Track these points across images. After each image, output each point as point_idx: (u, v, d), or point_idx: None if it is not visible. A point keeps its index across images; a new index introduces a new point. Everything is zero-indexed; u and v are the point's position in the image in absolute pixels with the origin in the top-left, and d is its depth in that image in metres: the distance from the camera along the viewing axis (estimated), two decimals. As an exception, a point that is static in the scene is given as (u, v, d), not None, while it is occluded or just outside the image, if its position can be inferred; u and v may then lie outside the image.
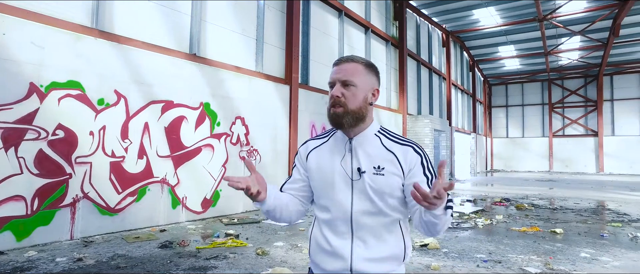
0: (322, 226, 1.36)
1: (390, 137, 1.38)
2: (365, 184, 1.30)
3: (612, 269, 4.18)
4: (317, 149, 1.43)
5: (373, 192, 1.29)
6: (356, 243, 1.28)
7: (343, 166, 1.34)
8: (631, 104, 25.98)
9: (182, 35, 6.86)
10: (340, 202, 1.31)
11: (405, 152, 1.33)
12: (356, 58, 1.37)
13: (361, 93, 1.33)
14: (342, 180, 1.33)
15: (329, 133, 1.47)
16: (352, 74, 1.32)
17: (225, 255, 4.59)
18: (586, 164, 26.97)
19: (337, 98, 1.31)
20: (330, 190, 1.34)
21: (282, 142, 8.91)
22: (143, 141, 5.99)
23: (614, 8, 15.95)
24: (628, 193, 12.76)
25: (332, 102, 1.32)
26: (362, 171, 1.31)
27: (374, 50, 13.25)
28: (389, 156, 1.32)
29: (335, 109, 1.31)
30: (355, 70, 1.33)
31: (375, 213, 1.30)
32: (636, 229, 6.53)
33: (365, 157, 1.33)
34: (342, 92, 1.31)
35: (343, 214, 1.31)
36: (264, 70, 8.61)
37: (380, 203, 1.29)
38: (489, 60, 25.00)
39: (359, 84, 1.33)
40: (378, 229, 1.29)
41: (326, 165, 1.37)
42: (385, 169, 1.30)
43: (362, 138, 1.36)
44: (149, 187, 6.06)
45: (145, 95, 6.03)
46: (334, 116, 1.32)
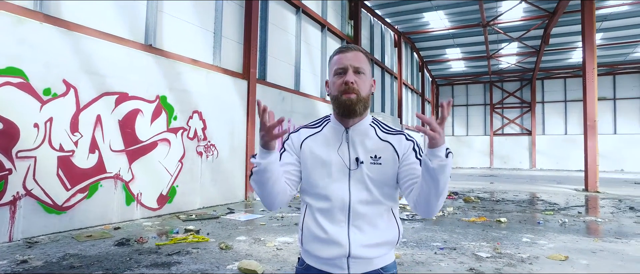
0: (316, 215, 1.34)
1: (384, 129, 1.40)
2: (363, 174, 1.31)
3: (549, 251, 4.64)
4: (311, 137, 1.40)
5: (371, 182, 1.31)
6: (353, 231, 1.28)
7: (340, 155, 1.34)
8: (558, 106, 28.60)
9: (137, 25, 6.57)
10: (337, 192, 1.31)
11: (399, 139, 1.36)
12: (360, 48, 1.38)
13: (368, 82, 1.35)
14: (339, 170, 1.32)
15: (322, 122, 1.44)
16: (362, 61, 1.33)
17: (187, 250, 4.50)
18: (521, 161, 29.27)
19: (351, 84, 1.29)
20: (327, 179, 1.32)
21: (240, 137, 8.81)
22: (95, 135, 5.67)
23: (545, 18, 17.46)
24: (556, 186, 14.08)
25: (345, 89, 1.29)
26: (360, 161, 1.31)
27: (330, 48, 13.45)
28: (385, 145, 1.34)
29: (348, 95, 1.29)
30: (363, 59, 1.35)
31: (372, 202, 1.31)
32: (564, 216, 7.27)
33: (362, 147, 1.34)
34: (355, 79, 1.30)
35: (340, 203, 1.30)
36: (222, 64, 8.46)
37: (377, 192, 1.31)
38: (437, 62, 26.29)
39: (367, 72, 1.35)
40: (374, 217, 1.30)
41: (322, 154, 1.35)
42: (382, 158, 1.32)
43: (359, 128, 1.36)
44: (101, 183, 5.75)
45: (97, 86, 5.70)
46: (348, 102, 1.30)
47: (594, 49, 11.91)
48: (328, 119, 1.42)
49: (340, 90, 1.30)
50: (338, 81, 1.31)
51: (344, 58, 1.33)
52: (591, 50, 11.88)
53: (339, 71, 1.32)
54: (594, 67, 11.85)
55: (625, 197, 10.53)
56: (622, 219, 6.93)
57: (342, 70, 1.31)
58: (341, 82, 1.30)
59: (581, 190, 12.10)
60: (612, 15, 17.22)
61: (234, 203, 8.45)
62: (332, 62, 1.37)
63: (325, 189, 1.32)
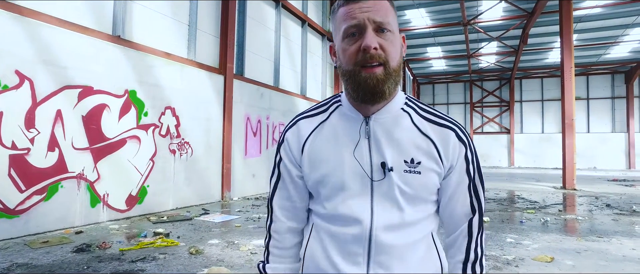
0: (324, 240, 0.94)
1: (424, 113, 0.94)
2: (393, 186, 0.89)
3: (534, 252, 4.52)
4: (315, 133, 0.96)
5: (404, 197, 0.89)
6: (374, 270, 0.89)
7: (358, 159, 0.90)
8: (535, 105, 29.18)
9: (103, 14, 6.13)
10: (353, 212, 0.90)
11: (445, 137, 0.92)
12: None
13: (398, 42, 0.89)
14: (356, 180, 0.90)
15: (327, 105, 0.99)
16: (385, 13, 0.85)
17: (154, 256, 4.16)
18: (500, 159, 29.74)
19: (375, 52, 0.82)
20: (340, 194, 0.91)
21: (216, 134, 8.45)
22: (55, 131, 5.24)
23: (523, 19, 17.67)
24: (534, 183, 14.24)
25: (363, 58, 0.83)
26: (389, 168, 0.89)
27: (310, 44, 13.19)
28: (426, 143, 0.91)
29: (372, 70, 0.83)
30: (387, 7, 0.86)
31: (405, 226, 0.90)
32: (545, 214, 7.24)
33: (391, 145, 0.90)
34: (379, 42, 0.83)
35: (358, 229, 0.89)
36: (197, 58, 8.08)
37: (412, 212, 0.90)
38: (418, 60, 26.36)
39: (395, 27, 0.88)
40: (406, 250, 0.90)
41: (330, 156, 0.92)
42: (422, 165, 0.89)
43: (386, 116, 0.91)
44: (62, 184, 5.32)
45: (57, 78, 5.27)
46: (372, 80, 0.84)
47: (571, 49, 12.05)
48: (338, 100, 0.98)
49: (358, 61, 0.84)
50: (352, 46, 0.85)
51: (357, 9, 0.84)
52: (569, 50, 12.01)
53: (352, 31, 0.85)
54: (572, 67, 11.99)
55: (601, 194, 10.67)
56: (600, 217, 6.94)
57: (357, 28, 0.84)
58: (357, 49, 0.84)
59: (559, 188, 12.23)
60: (587, 17, 17.57)
61: (209, 203, 8.10)
62: (338, 18, 0.88)
63: (335, 209, 0.92)
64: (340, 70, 0.90)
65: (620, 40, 20.61)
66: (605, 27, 18.96)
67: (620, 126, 26.94)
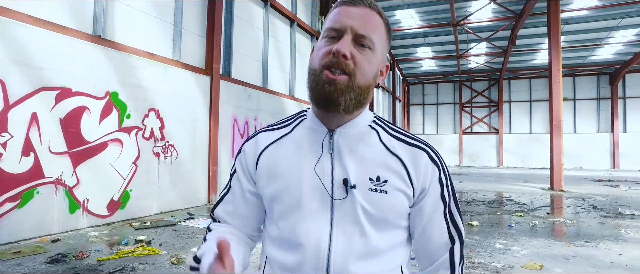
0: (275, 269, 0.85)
1: (393, 132, 0.88)
2: (356, 206, 0.80)
3: (523, 258, 4.47)
4: (274, 145, 0.89)
5: (369, 220, 0.80)
6: None
7: (318, 174, 0.82)
8: (523, 106, 29.47)
9: (83, 13, 5.91)
10: (309, 235, 0.80)
11: (416, 157, 0.84)
12: (380, 11, 0.84)
13: (376, 62, 0.83)
14: (315, 197, 0.81)
15: (292, 120, 0.93)
16: (373, 29, 0.81)
17: (133, 266, 4.00)
18: (489, 159, 29.97)
19: (343, 59, 0.77)
20: (295, 213, 0.82)
21: (202, 136, 8.27)
22: (30, 135, 5.02)
23: (512, 20, 17.78)
24: (523, 184, 14.33)
25: (329, 61, 0.78)
26: (351, 186, 0.80)
27: (299, 44, 13.05)
28: (393, 161, 0.83)
29: (334, 76, 0.78)
30: (377, 24, 0.82)
31: (370, 254, 0.80)
32: (534, 217, 7.23)
33: (355, 161, 0.83)
34: (351, 52, 0.78)
35: (314, 257, 0.79)
36: (182, 58, 7.88)
37: (378, 238, 0.81)
38: (408, 60, 26.40)
39: (378, 47, 0.83)
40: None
41: (288, 170, 0.84)
42: (389, 183, 0.81)
43: (351, 130, 0.85)
44: (37, 190, 5.11)
45: (32, 80, 5.05)
46: (330, 86, 0.77)
47: (559, 50, 12.13)
48: (304, 115, 0.93)
49: (323, 63, 0.79)
50: (325, 47, 0.80)
51: (344, 13, 0.81)
52: (557, 51, 12.08)
53: (332, 34, 0.81)
54: (559, 68, 12.07)
55: (588, 195, 10.76)
56: (587, 220, 6.95)
57: (336, 32, 0.80)
58: (329, 52, 0.79)
59: (547, 189, 12.31)
60: (573, 19, 17.75)
61: (195, 207, 7.91)
62: (327, 19, 0.85)
63: (291, 232, 0.82)
64: (308, 70, 0.84)
65: (605, 43, 20.90)
66: (591, 30, 19.20)
67: (605, 126, 27.37)
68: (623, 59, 24.10)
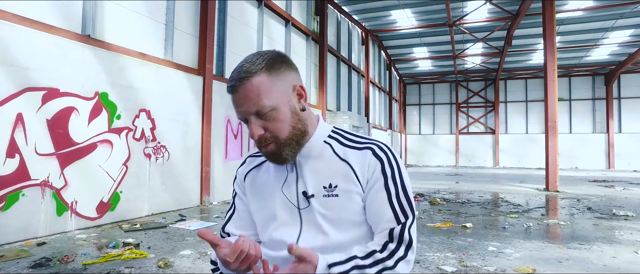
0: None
1: (345, 142, 1.03)
2: (314, 212, 0.98)
3: (516, 261, 4.42)
4: (254, 170, 1.10)
5: (326, 221, 0.97)
6: None
7: (285, 193, 1.02)
8: (519, 106, 29.52)
9: (71, 12, 5.82)
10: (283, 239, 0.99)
11: (362, 158, 0.98)
12: (252, 69, 0.92)
13: (285, 109, 0.95)
14: (286, 211, 1.01)
15: None
16: (259, 97, 0.92)
17: (119, 271, 3.91)
18: (485, 159, 30.00)
19: (261, 137, 0.95)
20: (272, 223, 1.02)
21: (194, 137, 8.19)
22: (15, 136, 4.92)
23: (507, 20, 17.78)
24: (518, 185, 14.32)
25: (257, 142, 0.98)
26: (310, 195, 0.99)
27: (294, 44, 12.97)
28: (343, 167, 0.98)
29: (266, 148, 0.97)
30: (260, 87, 0.92)
31: (332, 249, 0.94)
32: (528, 219, 7.19)
33: (312, 175, 1.00)
34: (262, 128, 0.94)
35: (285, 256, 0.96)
36: (174, 58, 7.79)
37: (338, 235, 0.97)
38: (404, 60, 26.38)
39: (276, 101, 0.93)
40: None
41: (265, 190, 1.06)
42: (338, 187, 0.97)
43: (308, 151, 1.02)
44: (23, 192, 5.01)
45: (17, 80, 4.95)
46: (272, 156, 0.98)
47: (554, 51, 12.11)
48: None
49: (256, 142, 0.98)
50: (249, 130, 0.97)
51: (236, 103, 0.96)
52: (552, 51, 12.07)
53: (243, 119, 0.97)
54: (555, 68, 12.06)
55: (583, 196, 10.75)
56: (581, 222, 6.92)
57: (244, 119, 0.97)
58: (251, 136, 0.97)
59: (542, 189, 12.30)
60: (569, 19, 17.78)
61: (187, 209, 7.83)
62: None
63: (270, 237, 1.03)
64: None
65: (600, 43, 20.95)
66: (587, 30, 19.24)
67: (600, 126, 27.45)
68: (618, 59, 24.18)
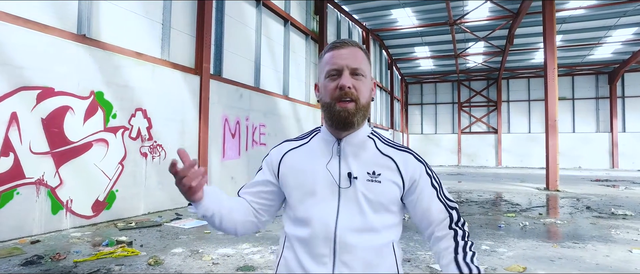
0: (295, 246, 1.09)
1: (386, 142, 1.16)
2: (357, 192, 1.06)
3: (508, 260, 4.40)
4: (294, 150, 1.18)
5: (367, 203, 1.05)
6: (339, 269, 1.02)
7: (329, 170, 1.09)
8: (522, 105, 29.35)
9: (67, 12, 5.85)
10: (321, 215, 1.05)
11: (405, 158, 1.11)
12: (357, 43, 1.12)
13: (368, 84, 1.11)
14: (326, 187, 1.07)
15: (309, 134, 1.22)
16: (361, 61, 1.08)
17: (108, 268, 3.93)
18: (487, 159, 29.87)
19: (349, 90, 1.04)
20: (310, 199, 1.08)
21: (191, 137, 8.21)
22: (9, 135, 4.96)
23: (509, 19, 17.67)
24: (519, 184, 14.24)
25: (339, 95, 1.05)
26: (354, 177, 1.06)
27: (293, 44, 12.98)
28: (386, 161, 1.10)
29: (345, 104, 1.04)
30: (363, 57, 1.10)
31: (367, 230, 1.04)
32: (525, 218, 7.15)
33: (356, 161, 1.09)
34: (353, 83, 1.05)
35: (324, 230, 1.04)
36: (171, 58, 7.82)
37: (374, 218, 1.06)
38: (406, 60, 26.31)
39: (367, 73, 1.10)
40: (368, 253, 1.03)
41: (306, 168, 1.11)
42: (382, 176, 1.07)
43: (354, 139, 1.11)
44: (17, 191, 5.05)
45: (11, 79, 4.99)
46: (344, 113, 1.05)
47: (554, 50, 12.03)
48: (318, 130, 1.21)
49: (334, 97, 1.06)
50: (331, 84, 1.07)
51: (337, 56, 1.07)
52: (552, 51, 11.99)
53: (333, 73, 1.07)
54: (555, 67, 11.97)
55: (583, 195, 10.67)
56: (579, 220, 6.88)
57: (336, 71, 1.07)
58: (335, 87, 1.06)
59: (543, 189, 12.22)
60: (571, 18, 17.65)
61: (184, 207, 7.85)
62: (323, 62, 1.12)
63: (306, 212, 1.08)
64: (321, 103, 1.12)
65: (603, 42, 20.79)
66: (589, 29, 19.09)
67: (604, 126, 27.24)
68: (621, 58, 23.99)
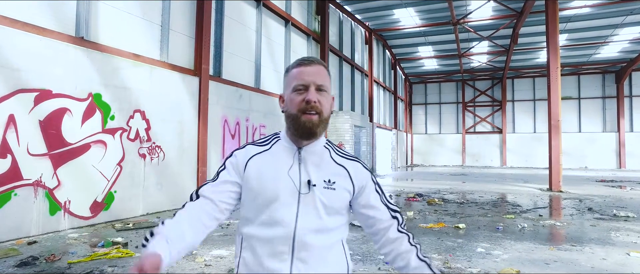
0: (254, 246, 1.17)
1: (338, 152, 1.29)
2: (315, 198, 1.17)
3: (502, 263, 4.36)
4: (259, 155, 1.25)
5: (323, 207, 1.18)
6: (296, 265, 1.14)
7: (291, 177, 1.19)
8: (527, 105, 29.13)
9: (65, 14, 5.90)
10: (283, 217, 1.15)
11: (355, 167, 1.26)
12: (321, 61, 1.24)
13: (329, 100, 1.23)
14: (287, 193, 1.17)
15: (270, 140, 1.29)
16: (324, 79, 1.20)
17: (101, 269, 3.96)
18: (492, 159, 29.67)
19: (314, 104, 1.16)
20: (273, 203, 1.17)
21: (190, 138, 8.24)
22: (7, 137, 5.02)
23: (513, 18, 17.53)
24: (522, 185, 14.12)
25: (305, 107, 1.16)
26: (313, 184, 1.18)
27: (294, 44, 12.98)
28: (340, 170, 1.23)
29: (310, 116, 1.16)
30: (326, 75, 1.21)
31: (322, 230, 1.17)
32: (525, 219, 7.08)
33: (315, 169, 1.21)
34: (317, 98, 1.17)
35: (285, 231, 1.14)
36: (170, 59, 7.86)
37: (328, 220, 1.19)
38: (409, 60, 26.22)
39: (329, 89, 1.22)
40: (322, 250, 1.17)
41: (270, 174, 1.20)
42: (336, 184, 1.21)
43: (313, 148, 1.23)
44: (15, 192, 5.10)
45: (9, 82, 5.04)
46: (309, 124, 1.16)
47: (557, 49, 11.91)
48: (278, 137, 1.28)
49: (301, 109, 1.16)
50: (298, 98, 1.17)
51: (305, 73, 1.18)
52: (555, 50, 11.87)
53: (299, 88, 1.18)
54: (558, 67, 11.85)
55: (586, 196, 10.56)
56: (580, 223, 6.80)
57: (303, 86, 1.17)
58: (302, 100, 1.16)
59: (545, 190, 12.11)
60: (576, 16, 17.46)
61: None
62: (290, 76, 1.22)
63: (269, 216, 1.17)
64: (286, 113, 1.21)
65: (609, 40, 20.55)
66: (595, 27, 18.88)
67: (611, 125, 26.94)
68: (629, 57, 23.70)
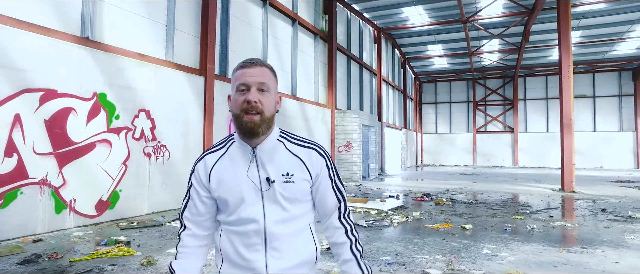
0: (232, 238, 1.29)
1: (293, 141, 1.34)
2: (276, 193, 1.26)
3: (507, 265, 4.24)
4: (218, 162, 1.31)
5: (285, 200, 1.27)
6: (270, 254, 1.24)
7: (250, 177, 1.27)
8: (539, 104, 28.60)
9: (70, 15, 5.95)
10: (253, 215, 1.25)
11: (309, 155, 1.32)
12: (264, 62, 1.29)
13: (273, 99, 1.28)
14: (252, 192, 1.26)
15: (224, 143, 1.35)
16: (267, 79, 1.25)
17: (102, 268, 3.96)
18: (504, 158, 29.22)
19: (255, 104, 1.20)
20: (240, 205, 1.26)
21: (195, 137, 8.25)
22: (12, 136, 5.07)
23: (524, 15, 17.20)
24: (533, 185, 13.85)
25: (246, 107, 1.20)
26: (271, 181, 1.26)
27: (301, 44, 12.93)
28: (295, 160, 1.30)
29: (251, 116, 1.21)
30: (269, 75, 1.26)
31: (289, 220, 1.27)
32: (534, 220, 6.91)
33: (271, 165, 1.28)
34: (258, 98, 1.21)
35: (256, 226, 1.25)
36: (175, 59, 7.88)
37: (292, 209, 1.28)
38: (419, 58, 25.97)
39: (272, 89, 1.27)
40: (291, 237, 1.27)
41: (231, 178, 1.28)
42: (294, 176, 1.28)
43: (266, 146, 1.29)
44: (21, 190, 5.16)
45: (14, 82, 5.09)
46: (250, 124, 1.21)
47: (569, 47, 11.63)
48: (232, 139, 1.34)
49: (242, 109, 1.21)
50: (240, 98, 1.22)
51: (247, 74, 1.23)
52: (567, 48, 11.60)
53: (242, 88, 1.23)
54: (570, 65, 11.58)
55: (600, 197, 10.29)
56: (592, 224, 6.61)
57: (245, 87, 1.22)
58: (243, 100, 1.21)
59: (558, 190, 11.85)
60: (590, 12, 17.06)
61: (188, 208, 7.89)
62: (234, 77, 1.27)
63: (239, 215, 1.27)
64: (232, 114, 1.27)
65: (626, 37, 20.04)
66: (610, 23, 18.43)
67: (627, 124, 26.29)
68: (645, 54, 23.08)
